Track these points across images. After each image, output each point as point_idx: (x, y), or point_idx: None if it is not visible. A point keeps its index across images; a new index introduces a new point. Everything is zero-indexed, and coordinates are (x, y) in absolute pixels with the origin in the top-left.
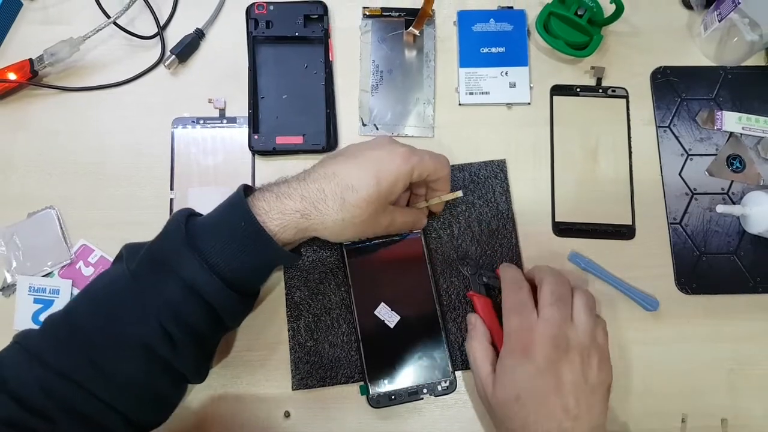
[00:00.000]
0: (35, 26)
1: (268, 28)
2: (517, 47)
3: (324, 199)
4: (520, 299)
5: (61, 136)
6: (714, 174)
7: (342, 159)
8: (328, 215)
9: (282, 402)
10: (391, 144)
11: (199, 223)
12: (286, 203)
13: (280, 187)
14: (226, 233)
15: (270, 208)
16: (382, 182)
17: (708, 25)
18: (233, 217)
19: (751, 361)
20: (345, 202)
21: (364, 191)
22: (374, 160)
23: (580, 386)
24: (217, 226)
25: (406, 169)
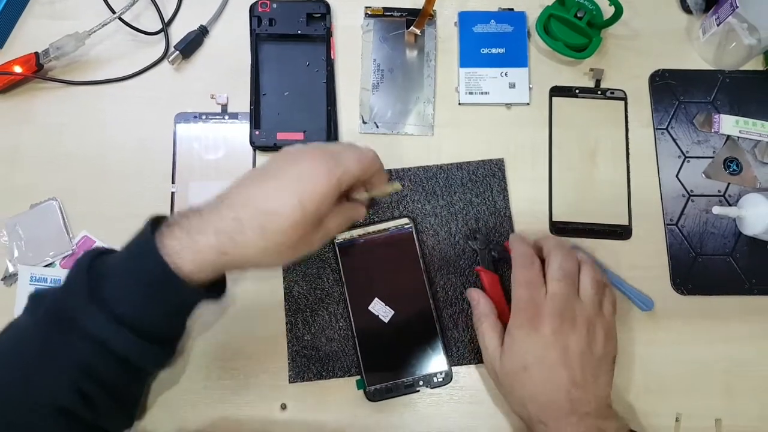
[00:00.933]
0: (41, 20)
1: (271, 25)
2: (517, 48)
3: (241, 230)
4: (530, 275)
5: (65, 129)
6: (711, 176)
7: (259, 179)
8: (248, 247)
9: (279, 394)
10: (311, 155)
11: (105, 267)
12: (198, 240)
13: (191, 220)
14: (133, 279)
15: (182, 247)
16: (306, 204)
17: (706, 29)
18: (140, 261)
19: (745, 362)
20: (266, 230)
21: (288, 216)
22: (295, 179)
23: (586, 357)
24: (123, 271)
25: (331, 184)
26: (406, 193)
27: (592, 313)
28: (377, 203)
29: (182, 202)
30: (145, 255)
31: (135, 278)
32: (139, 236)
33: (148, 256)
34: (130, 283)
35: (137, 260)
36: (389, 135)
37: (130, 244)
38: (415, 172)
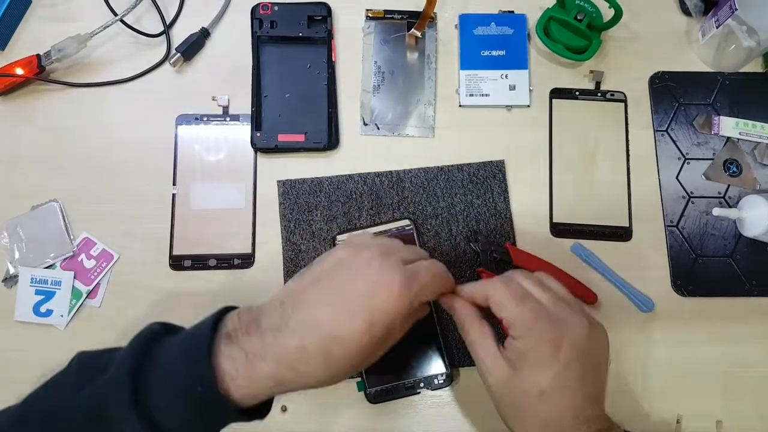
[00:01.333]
0: (44, 23)
1: (273, 28)
2: (518, 51)
3: (305, 360)
4: (517, 289)
5: (67, 130)
6: (711, 178)
7: (326, 295)
8: (309, 377)
9: (279, 396)
10: (385, 267)
11: (156, 366)
12: (256, 367)
13: (252, 339)
14: (181, 394)
15: (238, 374)
16: (375, 328)
17: (706, 31)
18: (192, 377)
19: (745, 364)
20: (330, 358)
21: (355, 342)
22: (365, 296)
23: (598, 371)
24: (172, 382)
25: (404, 305)
26: (407, 194)
27: (588, 326)
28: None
29: (183, 203)
30: (199, 373)
31: (183, 394)
32: (198, 341)
33: (202, 376)
34: (178, 397)
35: (189, 374)
36: (390, 137)
37: (187, 343)
38: (416, 174)
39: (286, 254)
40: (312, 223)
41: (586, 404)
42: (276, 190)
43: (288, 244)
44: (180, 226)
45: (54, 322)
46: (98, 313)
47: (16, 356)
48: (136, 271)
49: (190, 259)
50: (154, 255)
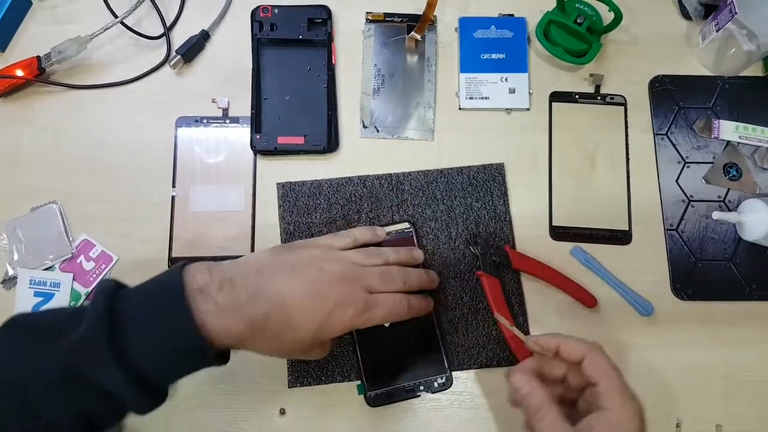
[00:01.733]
0: (44, 25)
1: (273, 30)
2: (517, 54)
3: (263, 330)
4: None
5: (67, 132)
6: (711, 182)
7: (302, 282)
8: (260, 344)
9: (278, 399)
10: (345, 290)
11: (128, 315)
12: (229, 325)
13: (226, 296)
14: (162, 341)
15: (211, 323)
16: (324, 330)
17: (706, 35)
18: (172, 324)
19: (745, 368)
20: (279, 338)
21: (302, 334)
22: (330, 303)
23: None
24: (151, 329)
25: (348, 327)
26: (407, 197)
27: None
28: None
29: (183, 205)
30: (179, 320)
31: (164, 340)
32: (170, 294)
33: (183, 323)
34: (159, 344)
35: (168, 321)
36: (390, 139)
37: (158, 296)
38: (416, 177)
39: None
40: (311, 225)
41: None
42: (275, 192)
43: None
44: (179, 228)
45: None
46: None
47: None
48: (135, 274)
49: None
50: (154, 257)
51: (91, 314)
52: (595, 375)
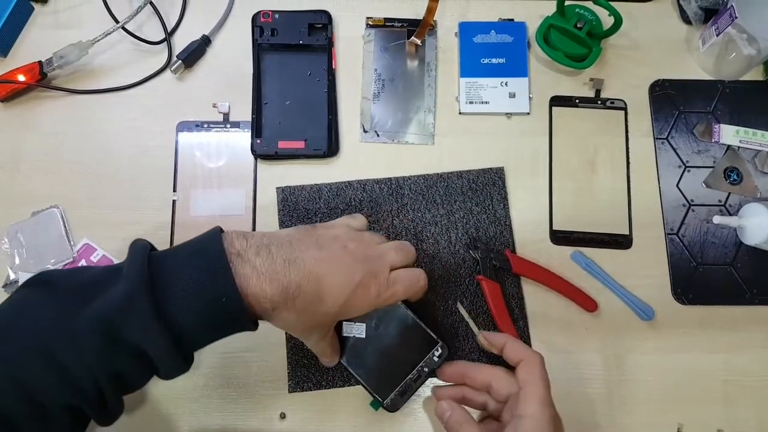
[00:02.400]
0: (46, 30)
1: (273, 35)
2: (517, 58)
3: (294, 299)
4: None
5: (68, 137)
6: (711, 186)
7: (331, 260)
8: (288, 313)
9: (278, 404)
10: (377, 269)
11: (168, 276)
12: (264, 288)
13: (264, 260)
14: (202, 302)
15: (248, 287)
16: (346, 306)
17: (706, 39)
18: (214, 285)
19: (746, 373)
20: (308, 309)
21: (328, 307)
22: (355, 283)
23: None
24: (193, 289)
25: (373, 306)
26: (407, 201)
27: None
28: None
29: (183, 210)
30: (221, 280)
31: (204, 300)
32: (210, 256)
33: (224, 283)
34: (199, 303)
35: (209, 281)
36: (390, 144)
37: (199, 258)
38: (416, 181)
39: None
40: None
41: None
42: (275, 196)
43: None
44: (180, 233)
45: None
46: None
47: None
48: None
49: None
50: None
51: (130, 272)
52: (524, 379)
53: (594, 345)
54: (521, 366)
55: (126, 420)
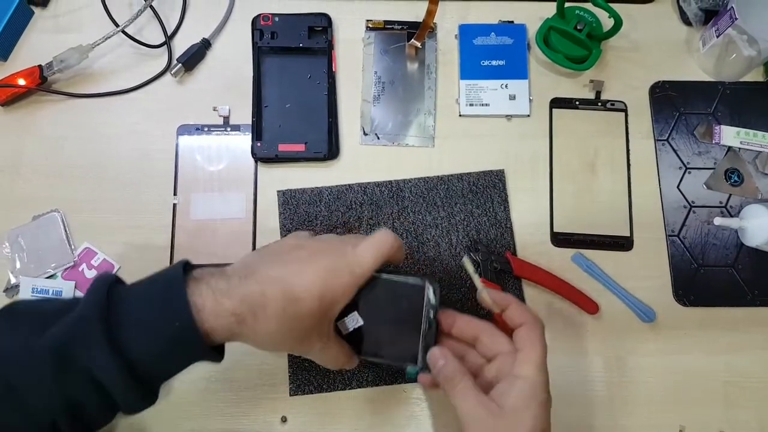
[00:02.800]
0: (46, 34)
1: (273, 39)
2: (517, 60)
3: (264, 306)
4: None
5: (68, 141)
6: (712, 187)
7: (290, 262)
8: (263, 325)
9: (279, 407)
10: (340, 251)
11: (125, 305)
12: (223, 303)
13: (218, 281)
14: (154, 329)
15: (205, 307)
16: (325, 297)
17: (706, 40)
18: (168, 312)
19: (747, 374)
20: (285, 313)
21: (307, 304)
22: (323, 270)
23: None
24: (147, 318)
25: (352, 284)
26: (407, 204)
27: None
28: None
29: (184, 213)
30: (176, 308)
31: (159, 328)
32: (168, 282)
33: (179, 311)
34: (155, 332)
35: (165, 310)
36: (390, 146)
37: (155, 285)
38: (416, 183)
39: None
40: None
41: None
42: (276, 199)
43: None
44: (181, 237)
45: None
46: None
47: None
48: None
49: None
50: (155, 265)
51: (88, 300)
52: (524, 341)
53: (595, 347)
54: (523, 328)
55: (126, 424)
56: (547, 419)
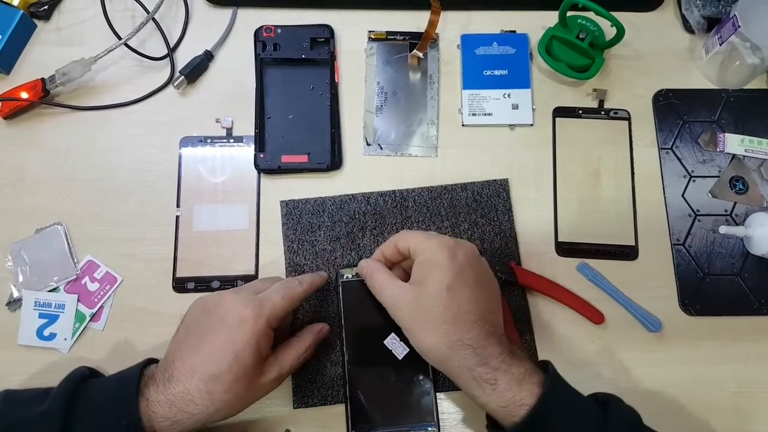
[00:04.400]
0: (48, 47)
1: (276, 50)
2: (520, 70)
3: (192, 401)
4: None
5: (71, 153)
6: (717, 195)
7: (196, 345)
8: (201, 414)
9: (283, 420)
10: (234, 305)
11: (86, 403)
12: (156, 411)
13: (150, 390)
14: (107, 430)
15: (146, 414)
16: (241, 355)
17: (709, 48)
18: (117, 413)
19: (755, 383)
20: (213, 394)
21: (227, 374)
22: (225, 331)
23: (491, 287)
24: (99, 418)
25: (261, 328)
26: (411, 214)
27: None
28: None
29: (187, 225)
30: (124, 409)
31: (109, 427)
32: (125, 381)
33: (128, 409)
34: (104, 428)
35: (116, 409)
36: (393, 156)
37: (114, 384)
38: (420, 193)
39: (289, 275)
40: (315, 243)
41: (486, 309)
42: (279, 210)
43: (291, 265)
44: (183, 248)
45: (57, 346)
46: (102, 336)
47: (19, 380)
48: (139, 294)
49: (194, 281)
50: (158, 277)
51: (57, 393)
52: (405, 243)
53: (601, 357)
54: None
55: None
56: (454, 284)
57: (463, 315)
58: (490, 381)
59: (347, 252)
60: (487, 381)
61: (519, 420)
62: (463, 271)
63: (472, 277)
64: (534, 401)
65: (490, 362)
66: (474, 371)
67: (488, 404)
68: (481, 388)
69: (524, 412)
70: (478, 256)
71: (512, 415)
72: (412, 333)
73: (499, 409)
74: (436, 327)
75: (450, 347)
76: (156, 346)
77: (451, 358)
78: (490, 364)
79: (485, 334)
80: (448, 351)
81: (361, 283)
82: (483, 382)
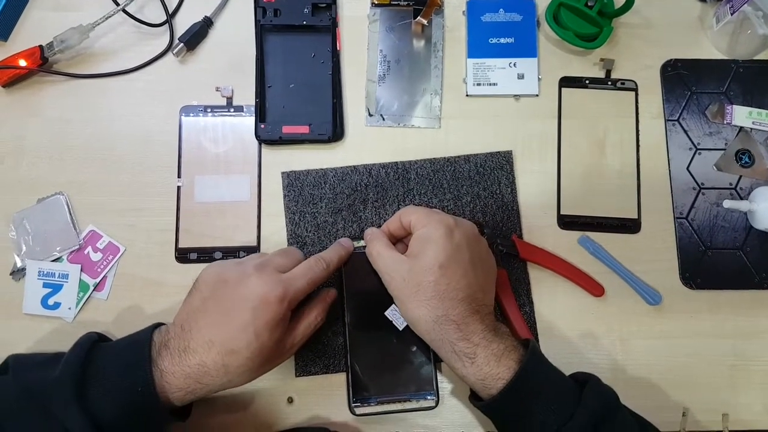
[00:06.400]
0: (45, 13)
1: (276, 16)
2: (526, 38)
3: (207, 373)
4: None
5: (71, 122)
6: (722, 169)
7: (214, 317)
8: (214, 385)
9: (285, 388)
10: (260, 283)
11: (98, 366)
12: (171, 381)
13: (164, 360)
14: (119, 393)
15: (160, 381)
16: (261, 336)
17: (720, 17)
18: (131, 378)
19: (753, 357)
20: (228, 367)
21: (245, 352)
22: (248, 311)
23: (487, 267)
24: (113, 382)
25: (282, 310)
26: (413, 186)
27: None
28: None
29: (188, 196)
30: (139, 377)
31: (123, 393)
32: (136, 346)
33: (141, 373)
34: (117, 396)
35: (129, 375)
36: (396, 127)
37: (126, 349)
38: (422, 165)
39: (291, 246)
40: (317, 215)
41: (476, 288)
42: (281, 182)
43: (293, 237)
44: (185, 219)
45: (62, 315)
46: (105, 306)
47: (25, 348)
48: (142, 264)
49: (196, 252)
50: (160, 248)
51: (70, 357)
52: (407, 217)
53: (600, 330)
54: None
55: None
56: (447, 262)
57: (451, 292)
58: (470, 355)
59: (349, 224)
60: (466, 355)
61: (495, 393)
62: (459, 250)
63: (466, 258)
64: (511, 376)
65: (471, 338)
66: (455, 345)
67: (467, 377)
68: (460, 361)
69: (501, 385)
70: (476, 236)
71: (489, 387)
72: (402, 303)
73: (477, 381)
74: (425, 300)
75: (435, 321)
76: (160, 315)
77: (436, 330)
78: (471, 340)
79: (471, 311)
80: (433, 324)
81: (364, 255)
82: (463, 356)
